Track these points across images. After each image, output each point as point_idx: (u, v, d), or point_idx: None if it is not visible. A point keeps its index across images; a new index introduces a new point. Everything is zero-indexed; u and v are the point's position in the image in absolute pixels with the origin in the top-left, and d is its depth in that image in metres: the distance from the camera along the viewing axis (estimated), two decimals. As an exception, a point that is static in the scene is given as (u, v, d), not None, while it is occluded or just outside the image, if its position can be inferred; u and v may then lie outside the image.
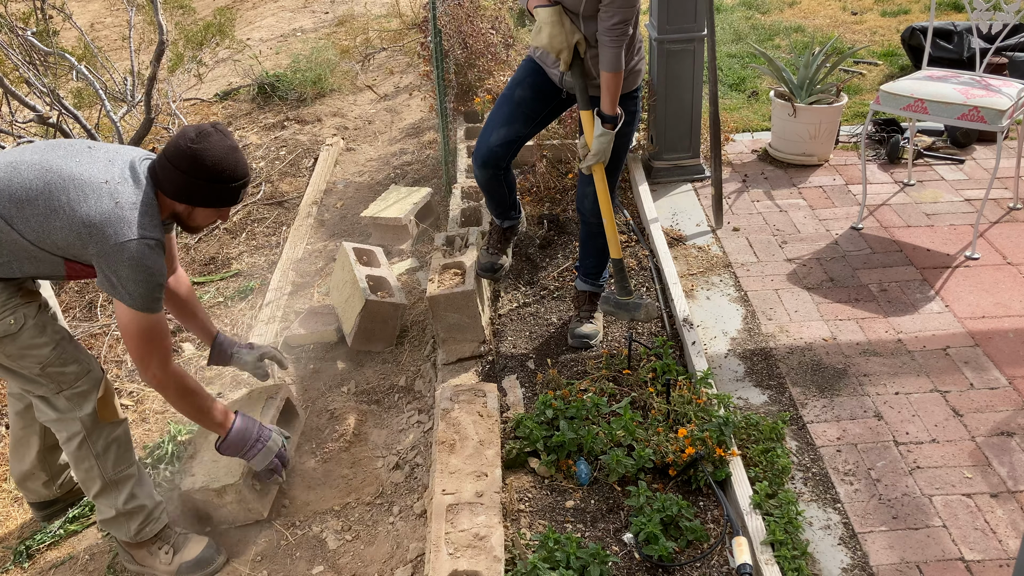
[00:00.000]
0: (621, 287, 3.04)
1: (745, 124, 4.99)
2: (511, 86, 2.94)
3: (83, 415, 2.36)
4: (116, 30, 8.18)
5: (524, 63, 2.97)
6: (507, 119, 2.91)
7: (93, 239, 2.11)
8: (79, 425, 2.37)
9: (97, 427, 2.39)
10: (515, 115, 2.91)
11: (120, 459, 2.45)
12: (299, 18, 8.00)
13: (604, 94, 2.72)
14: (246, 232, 4.45)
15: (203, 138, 2.22)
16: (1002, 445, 2.67)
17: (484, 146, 2.94)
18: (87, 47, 5.14)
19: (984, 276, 3.48)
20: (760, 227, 3.93)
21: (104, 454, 2.41)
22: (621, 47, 2.64)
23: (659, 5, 3.97)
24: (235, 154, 2.27)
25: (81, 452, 2.40)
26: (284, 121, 5.64)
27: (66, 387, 2.34)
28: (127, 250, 2.11)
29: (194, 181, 2.22)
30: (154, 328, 2.23)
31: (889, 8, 6.86)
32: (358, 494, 2.76)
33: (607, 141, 2.76)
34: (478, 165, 2.99)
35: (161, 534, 2.52)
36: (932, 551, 2.34)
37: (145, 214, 2.16)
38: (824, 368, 3.04)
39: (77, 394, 2.36)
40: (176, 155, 2.20)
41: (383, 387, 3.23)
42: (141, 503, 2.47)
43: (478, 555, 2.19)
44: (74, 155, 2.21)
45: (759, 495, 2.41)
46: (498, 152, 2.93)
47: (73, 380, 2.35)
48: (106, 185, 2.15)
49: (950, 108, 3.49)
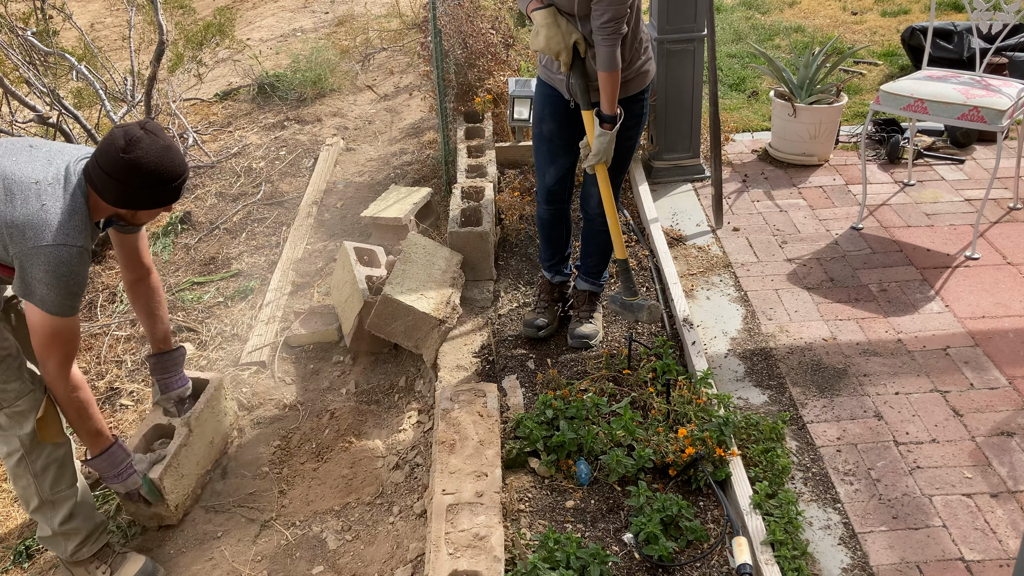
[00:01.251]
0: (627, 287, 3.03)
1: (745, 124, 4.99)
2: (537, 122, 3.01)
3: (22, 434, 2.33)
4: (116, 30, 8.18)
5: (537, 88, 3.01)
6: (550, 157, 3.01)
7: (13, 240, 2.07)
8: (18, 443, 2.34)
9: (37, 447, 2.36)
10: (554, 151, 2.99)
11: (58, 480, 2.42)
12: (299, 18, 8.00)
13: (602, 93, 2.72)
14: (246, 232, 4.45)
15: (134, 145, 2.13)
16: (1002, 445, 2.67)
17: (543, 188, 3.08)
18: (87, 47, 5.14)
19: (984, 276, 3.48)
20: (760, 227, 3.93)
21: (42, 474, 2.38)
22: (616, 45, 2.63)
23: (659, 5, 3.97)
24: (169, 153, 2.19)
25: (19, 469, 2.37)
26: (284, 121, 5.64)
27: (5, 405, 2.30)
28: (43, 254, 2.06)
29: (134, 190, 2.16)
30: (62, 332, 2.17)
31: (889, 8, 6.86)
32: (358, 494, 2.76)
33: (607, 141, 2.76)
34: (544, 203, 3.11)
35: (100, 553, 2.52)
36: (932, 551, 2.34)
37: (70, 220, 2.11)
38: (824, 368, 3.04)
39: (16, 413, 2.32)
40: (110, 166, 2.13)
41: (383, 387, 3.23)
42: (76, 525, 2.46)
43: (478, 555, 2.19)
44: (12, 153, 2.17)
45: (759, 495, 2.41)
46: (557, 189, 3.06)
47: (13, 399, 2.30)
48: (36, 186, 2.10)
49: (950, 108, 3.49)
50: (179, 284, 4.04)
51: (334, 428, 3.04)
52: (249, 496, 2.82)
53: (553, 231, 3.18)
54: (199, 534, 2.71)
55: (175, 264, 4.22)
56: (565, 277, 3.30)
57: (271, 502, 2.79)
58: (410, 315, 3.13)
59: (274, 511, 2.75)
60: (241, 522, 2.73)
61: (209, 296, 3.93)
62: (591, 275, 3.23)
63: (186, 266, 4.20)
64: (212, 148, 5.33)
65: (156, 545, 2.69)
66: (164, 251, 4.31)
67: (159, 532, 2.72)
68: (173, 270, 4.17)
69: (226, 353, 3.53)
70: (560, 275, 3.28)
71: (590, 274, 3.23)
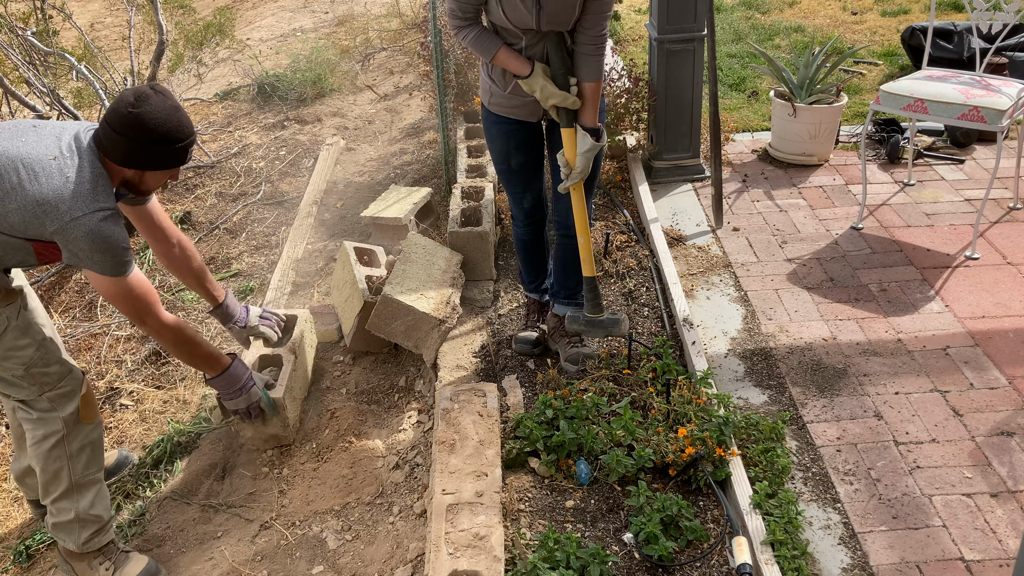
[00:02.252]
0: (595, 305, 2.91)
1: (745, 124, 4.99)
2: (503, 159, 2.86)
3: (65, 415, 2.36)
4: (116, 30, 8.19)
5: (493, 127, 2.82)
6: (525, 185, 2.92)
7: (49, 217, 2.09)
8: (60, 424, 2.36)
9: (77, 427, 2.39)
10: (527, 178, 2.90)
11: (91, 462, 2.45)
12: (299, 18, 8.00)
13: (592, 105, 2.62)
14: (246, 232, 4.45)
15: (142, 101, 2.18)
16: (1002, 445, 2.67)
17: (521, 212, 2.98)
18: (87, 47, 5.14)
19: (984, 276, 3.48)
20: (760, 227, 3.93)
21: (78, 455, 2.41)
22: (604, 55, 2.60)
23: (659, 5, 3.97)
24: (178, 114, 2.23)
25: (55, 452, 2.39)
26: (284, 121, 5.64)
27: (49, 388, 2.33)
28: (83, 225, 2.10)
29: (140, 146, 2.18)
30: (133, 289, 2.24)
31: (889, 8, 6.86)
32: (358, 494, 2.76)
33: (592, 155, 2.66)
34: (524, 225, 3.01)
35: (105, 549, 2.53)
36: (932, 551, 2.34)
37: (96, 185, 2.15)
38: (824, 368, 3.04)
39: (60, 395, 2.35)
40: (118, 121, 2.16)
41: (383, 387, 3.23)
42: (99, 512, 2.48)
43: (478, 555, 2.19)
44: (20, 135, 2.18)
45: (759, 495, 2.41)
46: (534, 210, 2.98)
47: (56, 380, 2.34)
48: (55, 161, 2.13)
49: (950, 108, 3.49)
50: (179, 284, 4.04)
51: (334, 428, 3.04)
52: (249, 496, 2.83)
53: (536, 251, 3.08)
54: (199, 534, 2.71)
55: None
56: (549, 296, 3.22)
57: (271, 502, 2.79)
58: (410, 315, 3.13)
59: (274, 511, 2.75)
60: (241, 522, 2.73)
61: (209, 296, 3.93)
62: (573, 296, 3.10)
63: (186, 266, 4.20)
64: (212, 148, 5.33)
65: (156, 545, 2.69)
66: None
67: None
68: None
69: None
70: (546, 294, 3.21)
71: (573, 296, 3.10)
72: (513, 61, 2.59)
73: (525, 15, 2.49)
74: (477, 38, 2.60)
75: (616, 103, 4.19)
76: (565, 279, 3.08)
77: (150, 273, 4.15)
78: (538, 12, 2.48)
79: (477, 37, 2.60)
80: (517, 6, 2.48)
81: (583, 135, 2.64)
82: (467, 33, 2.60)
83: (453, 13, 2.59)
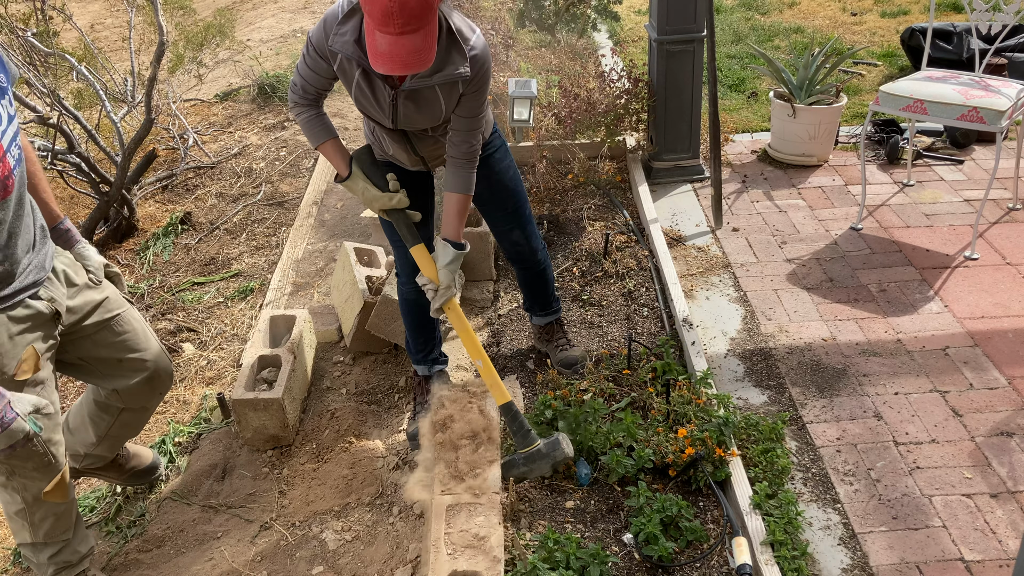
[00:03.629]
0: (522, 435, 2.51)
1: (745, 125, 4.99)
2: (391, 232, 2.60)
3: (26, 495, 2.24)
4: (116, 31, 8.19)
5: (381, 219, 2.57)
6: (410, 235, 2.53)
7: None
8: (20, 500, 2.25)
9: (39, 504, 2.27)
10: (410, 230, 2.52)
11: (54, 529, 2.34)
12: (299, 19, 8.00)
13: (455, 220, 2.40)
14: (246, 232, 4.45)
15: None
16: (1002, 445, 2.67)
17: (407, 266, 2.66)
18: (87, 48, 5.14)
19: (983, 276, 3.48)
20: (760, 227, 3.94)
21: (40, 524, 2.31)
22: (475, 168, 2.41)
23: (659, 5, 3.98)
24: None
25: (17, 518, 2.30)
26: (284, 122, 5.64)
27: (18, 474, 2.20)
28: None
29: None
30: None
31: (889, 9, 6.86)
32: (358, 494, 2.76)
33: (458, 266, 2.43)
34: (409, 283, 2.68)
35: None
36: (932, 551, 2.35)
37: None
38: (824, 368, 3.04)
39: (27, 481, 2.22)
40: None
41: (383, 387, 3.23)
42: (67, 559, 2.40)
43: (478, 555, 2.19)
44: None
45: (759, 495, 2.41)
46: None
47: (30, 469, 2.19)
48: None
49: (949, 109, 3.50)
50: (179, 284, 4.04)
51: (334, 428, 3.04)
52: (249, 496, 2.83)
53: (423, 313, 2.70)
54: (199, 534, 2.71)
55: (175, 264, 4.22)
56: (443, 365, 2.92)
57: (271, 502, 2.79)
58: None
59: (274, 511, 2.75)
60: (241, 523, 2.73)
61: (209, 296, 3.94)
62: (547, 307, 3.03)
63: (186, 266, 4.21)
64: (212, 149, 5.34)
65: (156, 546, 2.69)
66: (164, 251, 4.31)
67: (175, 533, 2.72)
68: (173, 270, 4.18)
69: (226, 353, 3.53)
70: (438, 363, 2.89)
71: (546, 307, 3.04)
72: (336, 158, 2.45)
73: (379, 114, 2.33)
74: (309, 122, 2.42)
75: (616, 103, 4.20)
76: (533, 296, 3.02)
77: (150, 274, 4.15)
78: (393, 114, 2.32)
79: (309, 121, 2.42)
80: (372, 104, 2.31)
81: (443, 245, 2.41)
82: (301, 113, 2.42)
83: (294, 89, 2.39)
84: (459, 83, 2.24)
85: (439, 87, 2.24)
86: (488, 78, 2.29)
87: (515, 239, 2.76)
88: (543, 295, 3.01)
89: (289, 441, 2.99)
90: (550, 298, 3.04)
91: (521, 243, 2.78)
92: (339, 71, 2.28)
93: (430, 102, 2.28)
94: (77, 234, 2.34)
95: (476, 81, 2.26)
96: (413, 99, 2.27)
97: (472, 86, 2.26)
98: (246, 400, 2.87)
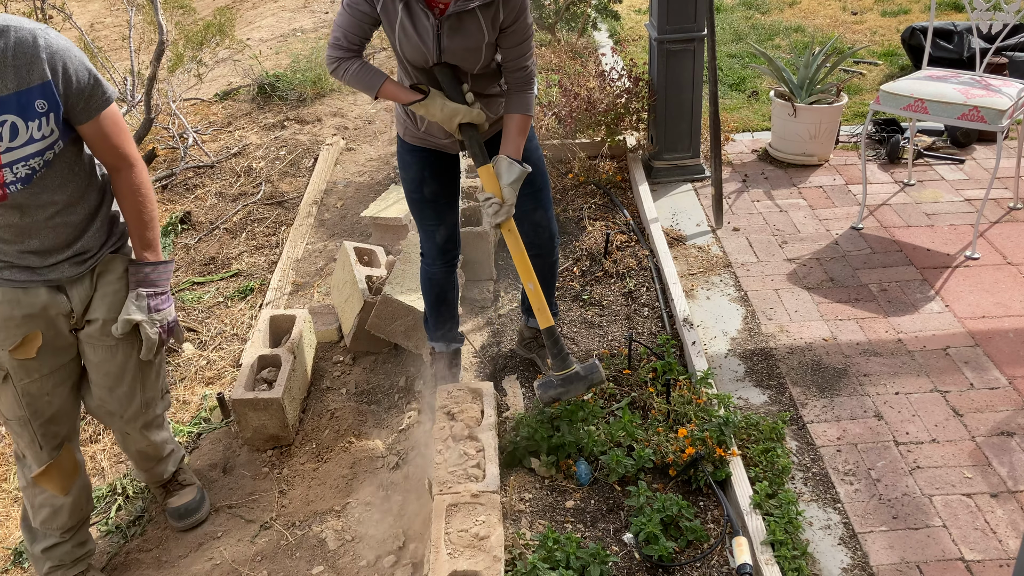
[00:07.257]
0: (561, 359, 2.62)
1: (745, 124, 4.99)
2: (416, 187, 2.67)
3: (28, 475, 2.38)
4: (116, 30, 8.19)
5: (407, 155, 2.66)
6: (438, 217, 2.71)
7: None
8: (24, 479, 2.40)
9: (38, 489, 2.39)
10: (440, 209, 2.70)
11: (49, 521, 2.42)
12: (299, 18, 8.00)
13: (518, 139, 2.46)
14: (246, 232, 4.45)
15: None
16: (1002, 445, 2.67)
17: (434, 248, 2.76)
18: (87, 47, 5.14)
19: (984, 276, 3.48)
20: (760, 227, 3.93)
21: (38, 509, 2.41)
22: (533, 89, 2.48)
23: (659, 5, 3.97)
24: None
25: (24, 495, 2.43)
26: (284, 121, 5.64)
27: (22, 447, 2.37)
28: None
29: None
30: None
31: (889, 8, 6.86)
32: (358, 494, 2.76)
33: (519, 184, 2.47)
34: (437, 262, 2.77)
35: None
36: (932, 551, 2.34)
37: None
38: (824, 368, 3.03)
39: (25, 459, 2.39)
40: None
41: (383, 387, 3.23)
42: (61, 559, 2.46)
43: (478, 555, 2.19)
44: None
45: (759, 495, 2.41)
46: (450, 246, 2.78)
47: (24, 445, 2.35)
48: None
49: (950, 108, 3.49)
50: (179, 284, 4.04)
51: (334, 428, 3.04)
52: (249, 496, 2.83)
53: (446, 292, 2.84)
54: (199, 534, 2.71)
55: (175, 264, 4.22)
56: (460, 344, 3.00)
57: (271, 502, 2.79)
58: (410, 315, 3.12)
59: (274, 511, 2.75)
60: (241, 522, 2.73)
61: (209, 296, 3.94)
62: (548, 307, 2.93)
63: (186, 266, 4.21)
64: (212, 148, 5.34)
65: (155, 545, 2.69)
66: (164, 251, 4.32)
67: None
68: (173, 270, 4.17)
69: (226, 353, 3.53)
70: (455, 342, 2.97)
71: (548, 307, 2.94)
72: (402, 92, 2.43)
73: (424, 51, 2.35)
74: (357, 73, 2.41)
75: (616, 103, 4.19)
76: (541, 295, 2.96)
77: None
78: (438, 47, 2.34)
79: (357, 72, 2.41)
80: (416, 41, 2.33)
81: (509, 163, 2.44)
82: (347, 67, 2.41)
83: (337, 43, 2.39)
84: (499, 8, 2.31)
85: (479, 10, 2.30)
86: (527, 4, 2.37)
87: (537, 219, 2.75)
88: (547, 291, 2.95)
89: (289, 441, 2.98)
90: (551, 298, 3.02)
91: (543, 225, 2.77)
92: (382, 11, 2.33)
93: (472, 31, 2.32)
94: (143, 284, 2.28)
95: (515, 8, 2.33)
96: (456, 27, 2.31)
97: (511, 15, 2.33)
98: (246, 400, 2.87)
